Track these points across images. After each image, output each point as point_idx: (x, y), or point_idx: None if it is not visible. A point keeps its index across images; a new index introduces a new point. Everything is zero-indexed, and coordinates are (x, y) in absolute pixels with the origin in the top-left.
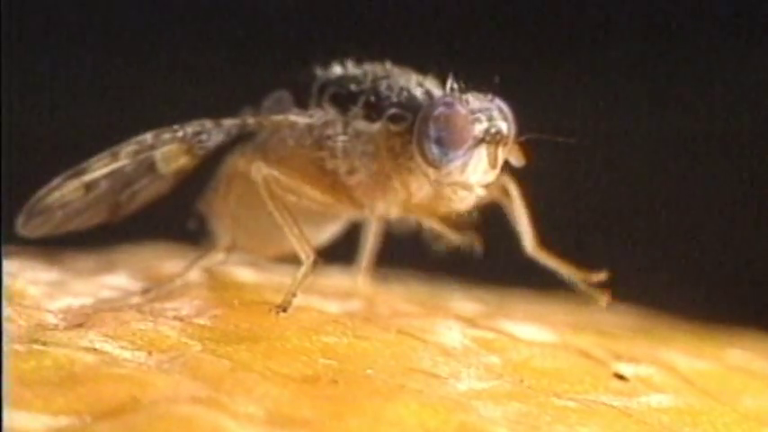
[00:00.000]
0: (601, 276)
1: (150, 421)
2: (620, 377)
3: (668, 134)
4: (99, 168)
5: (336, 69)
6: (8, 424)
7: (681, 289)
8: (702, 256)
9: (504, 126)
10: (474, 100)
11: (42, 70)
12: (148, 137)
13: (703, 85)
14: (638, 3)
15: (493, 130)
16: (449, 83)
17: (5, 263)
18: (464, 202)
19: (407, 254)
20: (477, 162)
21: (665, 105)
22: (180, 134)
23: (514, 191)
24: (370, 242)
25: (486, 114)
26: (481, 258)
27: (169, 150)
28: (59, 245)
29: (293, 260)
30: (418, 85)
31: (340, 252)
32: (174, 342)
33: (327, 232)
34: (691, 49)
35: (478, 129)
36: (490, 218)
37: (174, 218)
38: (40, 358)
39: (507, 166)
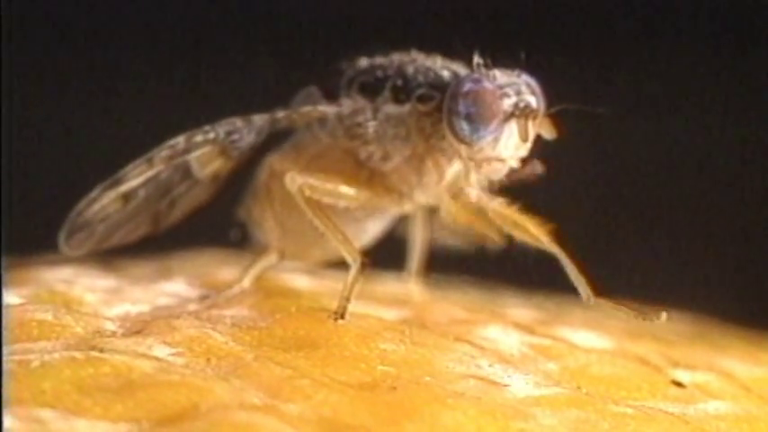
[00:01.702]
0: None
1: (209, 428)
2: (678, 384)
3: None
4: (135, 177)
5: (362, 61)
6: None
7: (733, 294)
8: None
9: (533, 100)
10: (501, 75)
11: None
12: (181, 140)
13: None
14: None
15: (522, 104)
16: (475, 60)
17: (62, 270)
18: (497, 174)
19: (462, 260)
20: (508, 137)
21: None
22: (212, 135)
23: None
24: (416, 246)
25: (515, 89)
26: (535, 264)
27: (203, 153)
28: (115, 251)
29: (344, 265)
30: (444, 65)
31: (395, 259)
32: (232, 349)
33: (371, 232)
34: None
35: (507, 103)
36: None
37: (225, 224)
38: (99, 365)
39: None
